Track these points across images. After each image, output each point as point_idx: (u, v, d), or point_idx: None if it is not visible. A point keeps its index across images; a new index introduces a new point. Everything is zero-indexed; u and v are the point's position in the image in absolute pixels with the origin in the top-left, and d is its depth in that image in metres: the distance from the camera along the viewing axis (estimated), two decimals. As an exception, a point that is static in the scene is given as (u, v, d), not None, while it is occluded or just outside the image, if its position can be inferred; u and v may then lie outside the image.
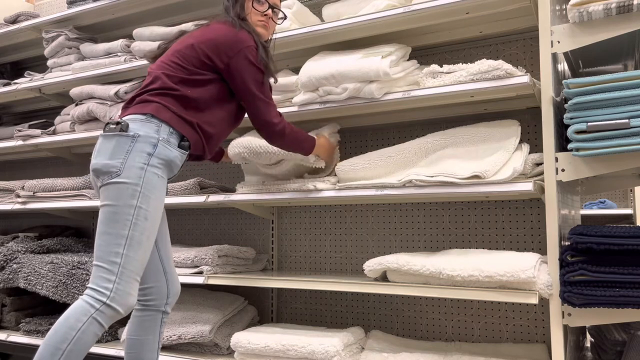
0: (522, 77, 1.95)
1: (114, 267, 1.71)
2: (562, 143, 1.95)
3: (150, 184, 1.78)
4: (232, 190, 2.51)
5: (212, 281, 2.44)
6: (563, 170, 1.84)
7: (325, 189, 2.26)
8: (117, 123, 1.81)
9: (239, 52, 1.93)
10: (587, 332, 2.40)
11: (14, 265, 2.96)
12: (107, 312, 1.70)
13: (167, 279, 2.04)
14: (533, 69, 2.34)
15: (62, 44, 3.25)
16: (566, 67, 2.37)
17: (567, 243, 1.87)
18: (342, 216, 2.71)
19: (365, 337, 2.34)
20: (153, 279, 1.99)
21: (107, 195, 1.77)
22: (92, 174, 1.85)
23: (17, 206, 3.18)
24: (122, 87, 2.90)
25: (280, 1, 2.22)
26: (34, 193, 3.14)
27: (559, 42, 1.88)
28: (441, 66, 2.16)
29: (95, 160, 1.81)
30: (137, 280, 1.77)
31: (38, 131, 3.25)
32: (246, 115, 2.11)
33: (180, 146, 1.88)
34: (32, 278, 2.86)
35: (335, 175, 2.33)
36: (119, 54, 3.04)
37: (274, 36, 2.23)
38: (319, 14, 2.65)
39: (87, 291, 1.72)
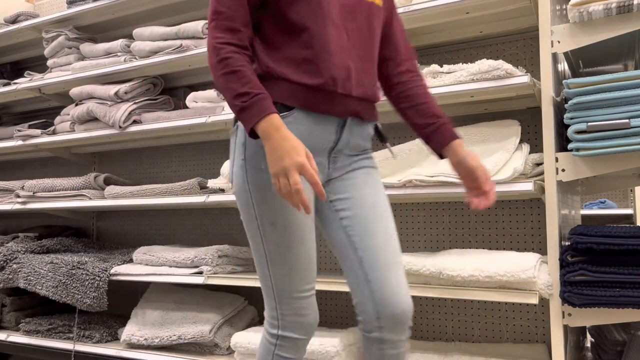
0: (522, 77, 1.94)
1: (270, 291, 1.49)
2: (562, 143, 1.95)
3: (257, 183, 1.43)
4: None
5: (212, 281, 2.44)
6: (563, 170, 1.84)
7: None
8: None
9: None
10: (587, 332, 2.40)
11: (14, 265, 2.96)
12: (285, 344, 1.49)
13: (372, 289, 1.46)
14: (533, 69, 2.34)
15: (62, 44, 3.25)
16: (566, 67, 2.37)
17: (567, 243, 1.87)
18: (342, 216, 2.70)
19: (365, 337, 2.33)
20: (355, 291, 1.50)
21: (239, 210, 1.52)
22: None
23: (17, 206, 3.18)
24: (122, 87, 2.90)
25: None
26: (33, 193, 3.14)
27: (559, 42, 1.88)
28: (441, 66, 2.15)
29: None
30: (300, 295, 1.47)
31: (38, 131, 3.24)
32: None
33: None
34: (32, 278, 2.86)
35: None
36: (119, 54, 3.04)
37: None
38: (319, 14, 2.64)
39: (265, 320, 1.54)
